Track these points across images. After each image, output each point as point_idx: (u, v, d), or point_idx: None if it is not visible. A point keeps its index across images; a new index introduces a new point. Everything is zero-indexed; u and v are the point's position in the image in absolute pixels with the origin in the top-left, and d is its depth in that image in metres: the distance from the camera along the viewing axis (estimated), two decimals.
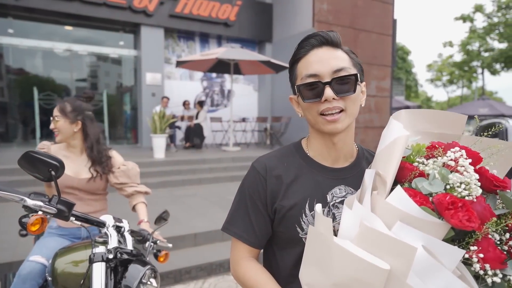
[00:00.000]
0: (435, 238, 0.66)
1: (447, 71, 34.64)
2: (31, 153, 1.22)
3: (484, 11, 25.90)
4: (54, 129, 2.05)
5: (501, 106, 17.99)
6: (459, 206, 0.67)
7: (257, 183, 1.03)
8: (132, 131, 11.40)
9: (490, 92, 40.26)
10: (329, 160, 1.03)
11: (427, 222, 0.67)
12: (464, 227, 0.65)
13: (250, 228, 1.03)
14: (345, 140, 1.01)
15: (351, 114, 0.96)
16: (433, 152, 0.82)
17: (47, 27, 9.82)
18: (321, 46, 0.98)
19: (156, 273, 1.49)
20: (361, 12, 10.96)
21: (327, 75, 0.93)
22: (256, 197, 1.03)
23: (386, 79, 11.58)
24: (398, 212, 0.70)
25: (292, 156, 1.06)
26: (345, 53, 0.99)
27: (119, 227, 1.57)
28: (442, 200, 0.68)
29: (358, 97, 0.98)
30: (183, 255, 3.78)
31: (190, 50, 11.49)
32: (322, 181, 1.01)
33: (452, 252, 0.65)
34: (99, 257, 1.38)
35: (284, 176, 1.02)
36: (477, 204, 0.70)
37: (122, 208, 2.41)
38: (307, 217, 0.98)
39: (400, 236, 0.68)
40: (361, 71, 1.01)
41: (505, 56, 24.65)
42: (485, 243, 0.68)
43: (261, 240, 1.05)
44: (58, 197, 1.27)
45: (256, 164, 1.06)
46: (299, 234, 0.98)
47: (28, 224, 1.16)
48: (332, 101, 0.92)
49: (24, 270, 1.77)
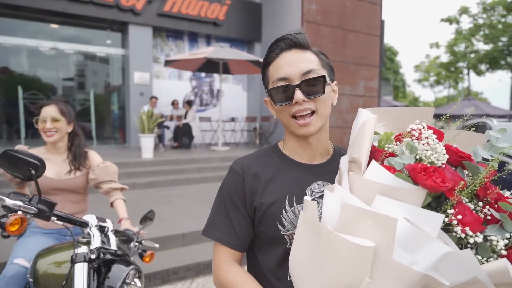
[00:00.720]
0: (414, 206, 0.67)
1: (434, 72, 35.15)
2: (10, 151, 1.19)
3: (470, 13, 26.33)
4: (51, 129, 2.05)
5: (486, 106, 18.35)
6: (431, 171, 0.69)
7: (235, 183, 1.03)
8: (120, 131, 11.28)
9: (475, 93, 40.94)
10: (305, 158, 1.06)
11: (404, 190, 0.68)
12: (440, 187, 0.66)
13: (231, 230, 1.01)
14: (320, 139, 1.04)
15: (322, 115, 0.98)
16: (401, 137, 0.86)
17: (33, 25, 9.64)
18: (290, 49, 0.99)
19: (140, 273, 1.48)
20: (349, 13, 11.03)
21: (297, 78, 0.95)
22: (236, 198, 1.03)
23: (374, 79, 11.68)
24: (375, 185, 0.71)
25: (269, 156, 1.08)
26: (314, 54, 1.01)
27: (103, 227, 1.55)
28: (414, 167, 0.70)
29: (328, 97, 1.00)
30: (171, 255, 3.76)
31: (178, 49, 11.42)
32: (300, 178, 1.02)
33: (432, 218, 0.65)
34: (81, 258, 1.36)
35: (261, 174, 1.03)
36: (446, 171, 0.73)
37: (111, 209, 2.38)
38: (288, 213, 0.98)
39: (381, 210, 0.68)
40: (331, 71, 1.04)
41: (490, 57, 25.11)
42: (460, 207, 0.70)
43: (243, 242, 1.03)
44: (38, 197, 1.25)
45: (234, 165, 1.07)
46: (280, 231, 0.98)
47: (6, 224, 1.13)
48: (303, 103, 0.95)
49: (9, 273, 1.75)
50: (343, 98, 10.71)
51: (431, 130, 0.80)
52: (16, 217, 1.14)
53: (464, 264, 0.63)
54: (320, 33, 10.40)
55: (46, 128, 2.04)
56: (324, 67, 1.01)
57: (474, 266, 0.62)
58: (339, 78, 10.65)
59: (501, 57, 24.56)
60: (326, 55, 1.05)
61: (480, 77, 28.22)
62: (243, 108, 12.72)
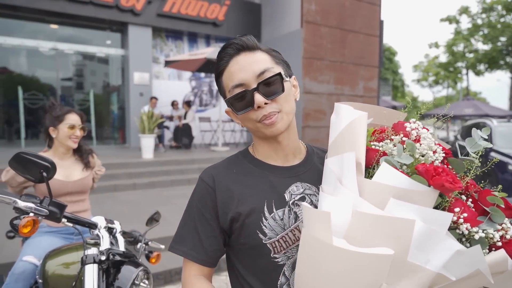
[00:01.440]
0: (427, 208, 0.68)
1: (433, 72, 35.20)
2: (22, 154, 1.20)
3: (470, 13, 26.39)
4: (78, 136, 2.24)
5: (485, 106, 18.38)
6: (441, 172, 0.69)
7: (205, 195, 0.97)
8: (119, 131, 11.28)
9: (474, 93, 41.05)
10: (278, 160, 1.01)
11: (418, 193, 0.69)
12: (455, 188, 0.67)
13: (198, 244, 0.96)
14: (289, 137, 0.99)
15: (287, 113, 0.94)
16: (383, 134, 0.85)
17: (32, 25, 9.64)
18: (238, 53, 0.94)
19: (148, 274, 1.49)
20: (348, 13, 11.05)
21: (253, 81, 0.91)
22: (205, 210, 0.97)
23: (373, 79, 11.70)
24: (389, 189, 0.70)
25: (240, 163, 1.03)
26: (265, 53, 0.97)
27: (111, 229, 1.56)
28: (428, 168, 0.70)
29: (289, 94, 0.96)
30: (173, 256, 3.74)
31: (178, 50, 11.42)
32: (277, 181, 0.98)
33: (441, 218, 0.67)
34: (91, 259, 1.37)
35: (234, 183, 0.97)
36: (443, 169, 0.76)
37: (116, 209, 2.41)
38: (268, 221, 0.93)
39: (395, 213, 0.68)
40: (286, 66, 1.00)
41: (489, 57, 25.16)
42: (460, 204, 0.72)
43: (212, 257, 0.98)
44: (49, 199, 1.26)
45: (203, 175, 1.00)
46: (262, 240, 0.93)
47: (20, 226, 1.15)
48: (265, 106, 0.90)
49: (18, 270, 1.79)
50: (343, 98, 10.72)
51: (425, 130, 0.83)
52: (28, 219, 1.15)
53: (471, 259, 0.65)
54: (320, 34, 10.42)
55: (75, 135, 2.19)
56: (278, 63, 0.97)
57: (480, 261, 0.65)
58: (338, 78, 10.68)
59: (500, 57, 24.63)
60: (277, 51, 1.00)
61: (479, 77, 28.29)
62: None
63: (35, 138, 9.67)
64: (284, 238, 0.93)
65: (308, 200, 0.97)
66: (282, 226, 0.93)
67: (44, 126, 2.23)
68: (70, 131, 2.18)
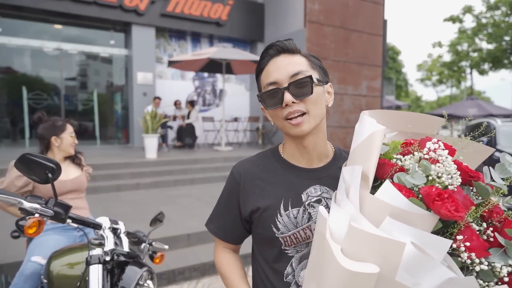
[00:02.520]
0: (424, 231, 0.66)
1: (437, 71, 35.08)
2: (27, 155, 1.21)
3: (473, 12, 26.25)
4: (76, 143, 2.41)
5: (489, 106, 18.29)
6: (446, 197, 0.67)
7: (232, 187, 1.10)
8: (123, 131, 11.32)
9: (478, 92, 40.86)
10: (302, 162, 1.06)
11: (416, 215, 0.67)
12: (454, 217, 0.65)
13: (222, 226, 1.13)
14: (316, 142, 1.03)
15: (315, 116, 0.98)
16: (409, 148, 0.82)
17: (36, 26, 9.68)
18: (278, 54, 1.01)
19: (152, 275, 1.50)
20: (352, 13, 11.03)
21: (285, 81, 0.96)
22: (231, 200, 1.10)
23: (377, 79, 11.67)
24: (387, 207, 0.69)
25: (267, 160, 1.10)
26: (304, 57, 1.02)
27: (115, 229, 1.57)
28: (429, 192, 0.68)
29: (319, 98, 0.99)
30: (177, 256, 3.78)
31: (181, 50, 11.44)
32: (296, 181, 1.04)
33: (439, 243, 0.65)
34: (96, 259, 1.38)
35: (258, 179, 1.07)
36: (457, 194, 0.71)
37: (119, 209, 2.42)
38: (282, 217, 1.01)
39: (390, 232, 0.67)
40: (323, 72, 1.04)
41: (493, 56, 25.03)
42: (468, 232, 0.69)
43: (234, 237, 1.14)
44: (54, 200, 1.27)
45: (233, 169, 1.12)
46: (275, 234, 1.02)
47: (25, 226, 1.15)
48: (293, 105, 0.95)
49: (27, 270, 1.82)
50: (346, 98, 10.71)
51: (447, 150, 0.78)
52: (34, 219, 1.16)
53: None
54: (323, 33, 10.41)
55: (75, 143, 2.37)
56: (314, 68, 1.01)
57: None
58: (341, 78, 10.66)
59: (504, 56, 24.49)
60: (317, 58, 1.06)
61: (483, 76, 28.15)
62: (245, 108, 12.74)
63: (38, 139, 9.69)
64: (295, 235, 1.01)
65: (324, 203, 1.02)
66: (295, 224, 1.01)
67: (44, 137, 2.30)
68: (72, 139, 2.35)
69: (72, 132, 2.36)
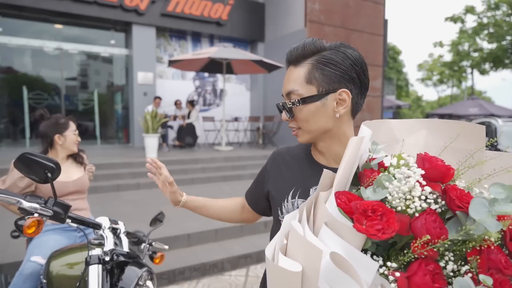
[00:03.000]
0: (351, 246, 0.63)
1: (438, 71, 35.03)
2: (27, 154, 1.20)
3: (475, 12, 26.20)
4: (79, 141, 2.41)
5: (490, 105, 18.26)
6: (378, 215, 0.61)
7: (266, 165, 1.22)
8: (123, 131, 11.32)
9: (479, 92, 40.82)
10: (322, 160, 1.10)
11: (346, 228, 0.65)
12: (369, 235, 0.60)
13: (250, 192, 1.31)
14: (329, 146, 1.06)
15: (309, 131, 1.02)
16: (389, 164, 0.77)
17: (37, 26, 9.68)
18: (289, 65, 1.04)
19: (152, 275, 1.49)
20: (352, 12, 11.02)
21: (285, 97, 1.03)
22: (260, 176, 1.25)
23: (377, 78, 11.66)
24: (327, 214, 0.68)
25: (300, 150, 1.17)
26: (309, 66, 0.96)
27: (115, 229, 1.56)
28: (360, 205, 0.64)
29: (310, 116, 0.98)
30: (177, 256, 3.77)
31: (182, 49, 11.44)
32: (311, 175, 1.07)
33: (367, 264, 0.60)
34: (95, 259, 1.37)
35: (284, 165, 1.16)
36: (417, 220, 0.63)
37: (120, 209, 2.42)
38: (288, 203, 1.08)
39: (325, 241, 0.66)
40: (330, 81, 0.95)
41: (494, 56, 24.99)
42: (415, 264, 0.61)
43: (255, 204, 1.29)
44: (54, 199, 1.26)
45: (272, 153, 1.23)
46: (279, 216, 1.10)
47: (24, 226, 1.15)
48: (289, 120, 1.04)
49: (27, 270, 1.81)
50: None
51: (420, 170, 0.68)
52: (33, 219, 1.15)
53: None
54: (323, 33, 10.40)
55: (77, 140, 2.36)
56: (310, 82, 0.95)
57: None
58: None
59: (505, 56, 24.45)
60: (331, 63, 0.95)
61: (483, 76, 28.11)
62: (246, 108, 12.73)
63: (40, 137, 9.70)
64: None
65: None
66: None
67: (47, 135, 2.28)
68: (75, 137, 2.34)
69: (75, 129, 2.36)
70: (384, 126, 0.94)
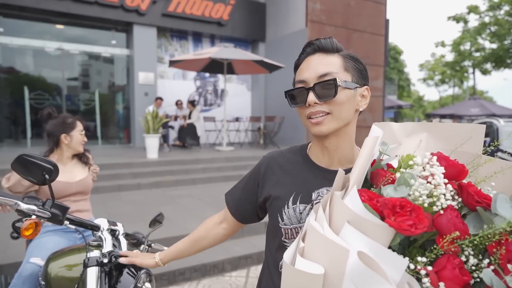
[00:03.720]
0: (378, 244, 0.61)
1: (439, 71, 34.96)
2: (24, 156, 1.19)
3: (478, 11, 26.14)
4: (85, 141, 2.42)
5: (492, 106, 18.21)
6: (408, 211, 0.61)
7: (257, 170, 1.16)
8: (124, 131, 11.33)
9: (480, 92, 40.73)
10: (323, 161, 1.06)
11: (372, 224, 0.63)
12: (401, 230, 0.59)
13: (235, 201, 1.22)
14: (338, 144, 1.02)
15: (338, 118, 0.96)
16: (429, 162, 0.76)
17: (38, 26, 9.70)
18: (314, 53, 1.01)
19: (151, 277, 1.48)
20: (354, 12, 11.00)
21: (312, 81, 0.96)
22: (252, 180, 1.18)
23: (379, 78, 11.64)
24: (348, 212, 0.66)
25: (294, 153, 1.14)
26: (341, 57, 1.00)
27: (114, 231, 1.55)
28: (388, 201, 0.64)
29: (345, 102, 0.97)
30: None
31: (183, 50, 11.44)
32: (312, 179, 1.04)
33: (395, 261, 0.59)
34: (93, 262, 1.36)
35: (279, 169, 1.11)
36: (443, 216, 0.64)
37: (120, 209, 2.42)
38: (289, 209, 1.04)
39: (348, 240, 0.64)
40: (360, 75, 1.01)
41: (496, 55, 24.93)
42: (444, 259, 0.62)
43: (242, 214, 1.21)
44: (52, 201, 1.25)
45: (264, 157, 1.19)
46: (279, 223, 1.05)
47: (21, 228, 1.14)
48: (315, 105, 0.96)
49: (26, 272, 1.81)
50: None
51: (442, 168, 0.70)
52: (30, 221, 1.15)
53: None
54: (325, 33, 10.38)
55: (84, 140, 2.35)
56: (347, 70, 0.98)
57: None
58: None
59: (506, 55, 24.39)
60: (357, 59, 1.02)
61: (485, 76, 28.05)
62: (247, 108, 12.72)
63: (41, 138, 9.73)
64: (296, 229, 1.04)
65: None
66: (299, 219, 1.03)
67: (54, 134, 2.27)
68: (82, 137, 2.33)
69: (82, 129, 2.35)
70: (386, 129, 0.94)
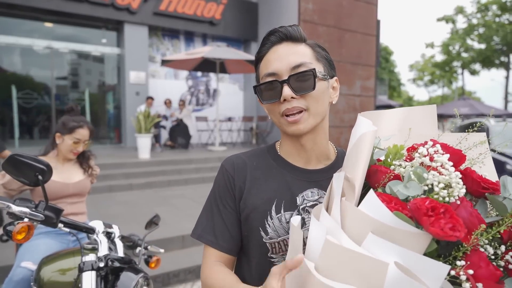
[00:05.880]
0: (413, 252, 0.56)
1: (429, 71, 35.36)
2: (16, 156, 1.14)
3: (465, 13, 26.53)
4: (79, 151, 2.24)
5: (480, 105, 18.45)
6: (441, 212, 0.56)
7: (226, 181, 0.97)
8: (115, 131, 11.18)
9: (469, 92, 41.27)
10: (300, 161, 0.96)
11: (404, 233, 0.57)
12: (448, 237, 0.54)
13: (220, 232, 0.95)
14: (315, 141, 0.94)
15: (315, 114, 0.88)
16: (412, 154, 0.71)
17: (27, 24, 9.51)
18: (281, 42, 0.91)
19: (148, 281, 1.44)
20: (346, 12, 11.02)
21: (285, 73, 0.87)
22: (227, 197, 0.96)
23: (370, 78, 11.68)
24: (370, 220, 0.59)
25: (262, 156, 1.01)
26: (309, 47, 0.92)
27: (109, 233, 1.50)
28: (420, 205, 0.57)
29: (322, 95, 0.89)
30: (171, 258, 3.70)
31: (175, 49, 11.34)
32: (293, 182, 0.93)
33: (434, 269, 0.54)
34: (89, 266, 1.31)
35: (251, 175, 0.96)
36: (462, 210, 0.60)
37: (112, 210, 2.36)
38: (273, 220, 0.90)
39: (372, 251, 0.58)
40: (329, 66, 0.94)
41: (484, 56, 25.31)
42: (475, 257, 0.58)
43: (234, 244, 0.96)
44: (45, 203, 1.20)
45: (225, 162, 1.00)
46: (262, 238, 0.90)
47: (13, 232, 1.09)
48: (292, 100, 0.86)
49: (17, 277, 1.74)
50: (340, 97, 10.68)
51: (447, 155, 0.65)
52: (23, 225, 1.09)
53: None
54: (317, 33, 10.38)
55: (76, 150, 2.19)
56: (319, 60, 0.91)
57: None
58: None
59: (494, 56, 24.77)
60: (324, 48, 0.95)
61: (474, 76, 28.43)
62: (239, 108, 12.67)
63: (29, 137, 9.55)
64: (285, 242, 0.90)
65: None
66: (286, 230, 0.90)
67: (53, 129, 2.22)
68: (73, 146, 2.19)
69: (79, 139, 2.19)
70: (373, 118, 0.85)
